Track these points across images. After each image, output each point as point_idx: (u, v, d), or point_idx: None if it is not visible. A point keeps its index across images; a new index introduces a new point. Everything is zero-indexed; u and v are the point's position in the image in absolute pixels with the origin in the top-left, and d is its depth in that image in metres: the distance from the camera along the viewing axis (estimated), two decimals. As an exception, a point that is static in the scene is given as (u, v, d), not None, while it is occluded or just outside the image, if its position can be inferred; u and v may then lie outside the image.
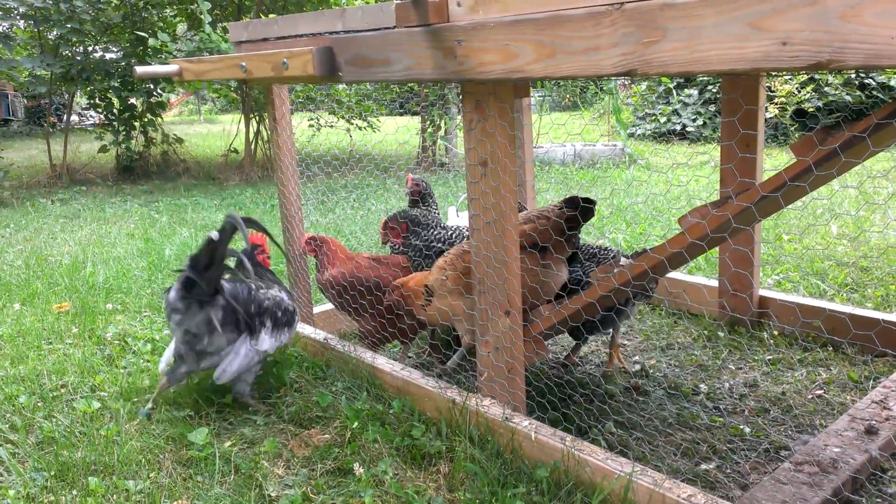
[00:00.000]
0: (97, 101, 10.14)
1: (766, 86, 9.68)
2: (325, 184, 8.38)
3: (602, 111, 13.80)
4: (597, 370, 3.23)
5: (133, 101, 10.16)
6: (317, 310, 3.67)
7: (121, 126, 10.01)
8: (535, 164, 7.72)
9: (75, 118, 17.52)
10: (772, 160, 8.69)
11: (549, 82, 12.56)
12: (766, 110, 9.75)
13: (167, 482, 2.39)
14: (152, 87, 9.87)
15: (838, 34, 1.34)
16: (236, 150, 11.11)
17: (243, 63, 2.86)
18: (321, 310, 3.68)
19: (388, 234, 3.46)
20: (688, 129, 11.46)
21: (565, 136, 11.81)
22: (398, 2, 2.22)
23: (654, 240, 5.10)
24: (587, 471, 2.16)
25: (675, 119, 11.74)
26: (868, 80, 9.73)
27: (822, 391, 2.90)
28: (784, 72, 1.78)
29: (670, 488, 1.99)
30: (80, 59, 9.57)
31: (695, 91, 11.59)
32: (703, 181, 7.13)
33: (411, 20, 2.20)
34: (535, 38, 1.87)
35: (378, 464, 2.40)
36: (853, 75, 9.55)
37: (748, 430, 2.63)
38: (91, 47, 9.96)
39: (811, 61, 1.39)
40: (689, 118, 11.51)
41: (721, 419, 2.72)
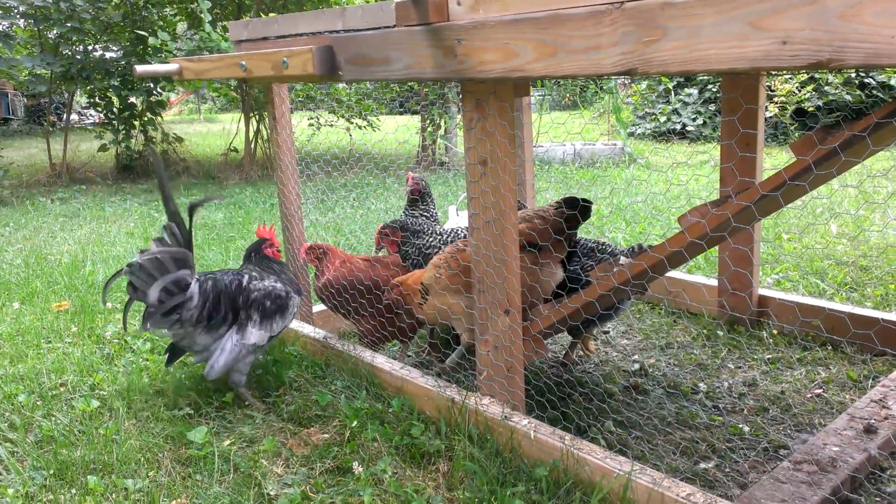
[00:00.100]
0: (97, 100, 10.14)
1: (766, 85, 9.68)
2: (324, 183, 8.38)
3: (602, 110, 13.79)
4: (596, 369, 3.23)
5: (133, 100, 10.16)
6: (316, 309, 3.67)
7: (120, 125, 10.00)
8: (534, 163, 7.72)
9: (75, 117, 17.52)
10: (772, 159, 8.69)
11: (550, 81, 12.56)
12: (765, 109, 9.75)
13: (166, 481, 2.39)
14: (152, 86, 9.87)
15: (838, 33, 1.34)
16: (236, 149, 11.11)
17: (243, 62, 2.86)
18: (321, 309, 3.68)
19: (382, 241, 3.48)
20: (688, 128, 11.46)
21: (565, 135, 11.81)
22: (398, 1, 2.22)
23: (653, 239, 5.10)
24: (586, 469, 2.16)
25: (674, 118, 11.74)
26: (868, 80, 9.73)
27: (822, 390, 2.90)
28: (784, 71, 1.78)
29: (669, 487, 1.99)
30: (80, 57, 9.57)
31: (695, 90, 11.59)
32: (703, 180, 7.13)
33: (411, 19, 2.20)
34: (536, 37, 1.87)
35: (377, 462, 2.40)
36: (853, 74, 9.55)
37: (747, 428, 2.63)
38: (91, 46, 9.96)
39: (811, 60, 1.39)
40: (689, 117, 11.51)
41: (720, 418, 2.72)
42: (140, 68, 3.17)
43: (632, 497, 2.04)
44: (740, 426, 2.64)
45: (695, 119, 11.45)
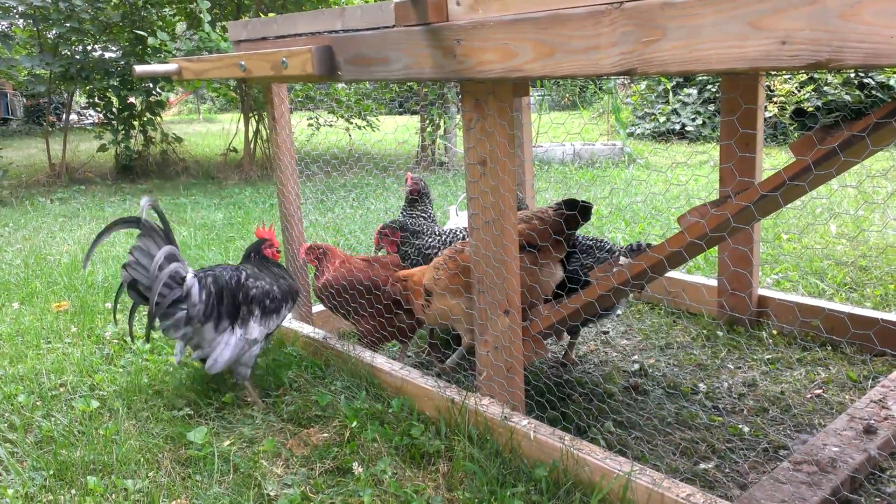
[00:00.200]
0: (96, 101, 10.13)
1: (766, 85, 9.69)
2: (324, 183, 8.38)
3: (601, 110, 13.80)
4: (595, 369, 3.23)
5: (132, 100, 10.15)
6: (316, 309, 3.67)
7: (120, 125, 10.00)
8: (534, 163, 7.71)
9: (74, 117, 17.52)
10: (771, 159, 8.69)
11: (549, 81, 12.56)
12: (765, 109, 9.76)
13: (166, 481, 2.39)
14: (151, 86, 9.86)
15: (838, 33, 1.34)
16: (235, 150, 11.10)
17: (242, 62, 2.85)
18: (320, 309, 3.67)
19: (381, 241, 3.48)
20: (687, 128, 11.46)
21: (564, 136, 11.81)
22: (397, 1, 2.22)
23: (653, 239, 5.09)
24: (586, 470, 2.16)
25: (674, 118, 11.74)
26: (867, 80, 9.73)
27: (821, 390, 2.90)
28: (783, 71, 1.78)
29: (669, 487, 1.99)
30: (79, 58, 9.56)
31: (694, 90, 11.60)
32: (703, 180, 7.13)
33: (410, 19, 2.20)
34: (535, 37, 1.87)
35: (377, 463, 2.40)
36: (852, 75, 9.55)
37: (747, 429, 2.63)
38: (90, 46, 9.96)
39: (811, 60, 1.39)
40: (689, 117, 11.51)
41: (720, 418, 2.72)
42: (139, 68, 3.17)
43: (632, 497, 2.04)
44: (740, 426, 2.64)
45: (694, 119, 11.46)
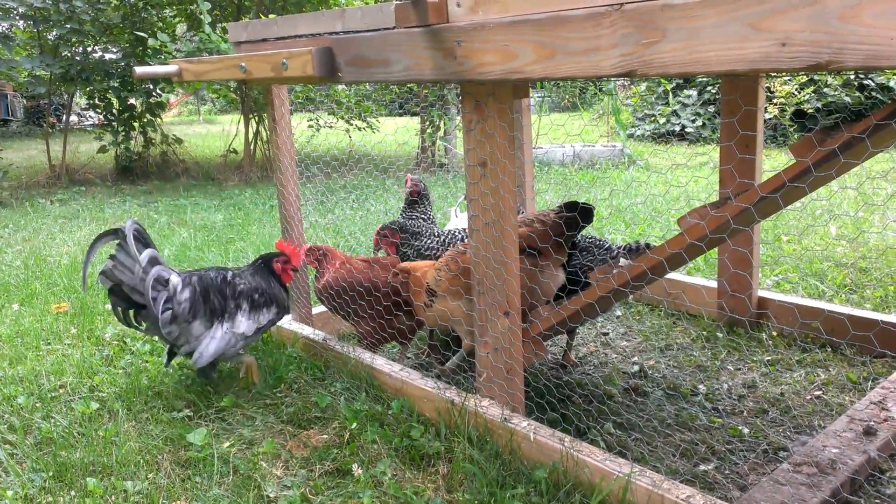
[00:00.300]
0: (96, 102, 10.13)
1: (766, 87, 9.69)
2: (324, 184, 8.38)
3: (601, 112, 13.81)
4: (595, 371, 3.23)
5: (132, 101, 10.16)
6: (315, 311, 3.67)
7: (120, 126, 10.00)
8: (534, 164, 7.71)
9: (74, 118, 17.53)
10: (771, 161, 8.70)
11: (549, 83, 12.57)
12: (765, 111, 9.76)
13: (165, 483, 2.39)
14: (152, 87, 9.86)
15: (837, 35, 1.34)
16: (235, 151, 11.10)
17: (243, 63, 2.85)
18: (320, 311, 3.67)
19: (380, 242, 3.50)
20: (687, 129, 11.47)
21: (564, 137, 11.81)
22: (397, 2, 2.22)
23: (653, 240, 5.09)
24: (586, 472, 2.16)
25: (674, 120, 11.75)
26: (867, 81, 9.73)
27: (821, 392, 2.90)
28: (783, 72, 1.78)
29: (669, 489, 1.99)
30: (79, 59, 9.57)
31: (694, 92, 11.60)
32: (703, 182, 7.13)
33: (411, 21, 2.20)
34: (535, 39, 1.87)
35: (377, 464, 2.39)
36: (852, 76, 9.55)
37: (747, 430, 2.63)
38: (90, 47, 9.95)
39: (810, 62, 1.39)
40: (689, 119, 11.52)
41: (720, 420, 2.72)
42: (139, 70, 3.17)
43: (631, 499, 2.03)
44: (740, 428, 2.64)
45: (694, 121, 11.46)
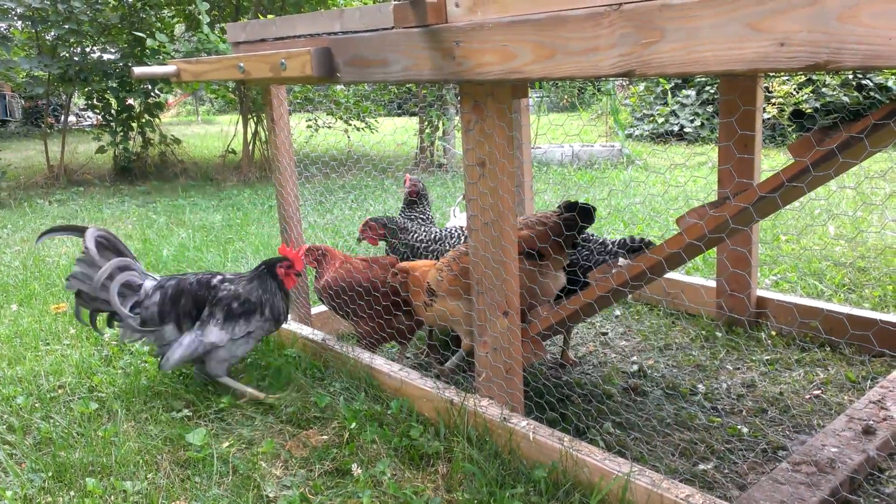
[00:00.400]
0: (95, 102, 10.13)
1: (764, 86, 9.69)
2: (323, 184, 8.37)
3: (600, 112, 13.81)
4: (594, 371, 3.23)
5: (131, 101, 10.15)
6: (315, 311, 3.67)
7: (118, 127, 9.99)
8: (533, 164, 7.72)
9: (73, 119, 17.52)
10: (769, 161, 8.70)
11: (548, 83, 12.57)
12: (763, 111, 9.76)
13: (165, 483, 2.39)
14: (150, 87, 9.86)
15: (836, 35, 1.34)
16: (234, 151, 11.10)
17: (241, 64, 2.85)
18: (319, 311, 3.67)
19: (364, 233, 3.53)
20: (685, 129, 11.47)
21: (563, 137, 11.81)
22: (396, 3, 2.22)
23: (652, 240, 5.09)
24: (585, 471, 2.16)
25: (672, 120, 11.76)
26: (865, 81, 9.75)
27: (820, 391, 2.90)
28: (782, 72, 1.78)
29: (668, 488, 1.99)
30: (77, 59, 9.56)
31: (692, 92, 11.61)
32: (701, 182, 7.14)
33: (409, 21, 2.20)
34: (534, 39, 1.87)
35: (376, 464, 2.40)
36: (850, 76, 9.56)
37: (746, 430, 2.63)
38: (89, 48, 9.95)
39: (809, 62, 1.39)
40: (687, 119, 11.53)
41: (719, 419, 2.72)
42: (138, 70, 3.17)
43: (631, 498, 2.04)
44: (739, 427, 2.65)
45: (693, 120, 11.47)
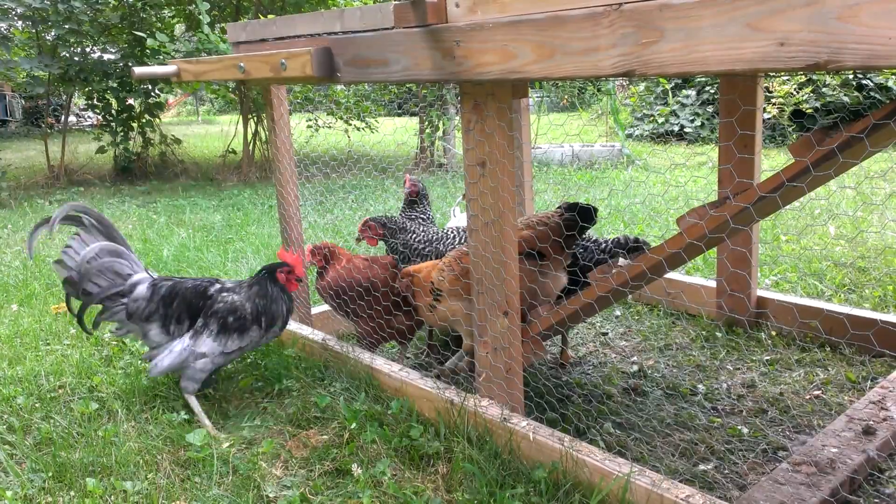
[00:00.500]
0: (95, 102, 10.13)
1: (764, 86, 9.69)
2: (323, 184, 8.37)
3: (600, 112, 13.81)
4: (595, 371, 3.23)
5: (131, 101, 10.15)
6: (315, 311, 3.67)
7: (119, 127, 10.00)
8: (533, 164, 7.72)
9: (73, 119, 17.51)
10: (770, 161, 8.70)
11: (548, 83, 12.57)
12: (763, 111, 9.75)
13: (165, 483, 2.39)
14: (150, 87, 9.86)
15: (836, 35, 1.34)
16: (234, 151, 11.10)
17: (241, 64, 2.85)
18: (319, 311, 3.67)
19: (363, 233, 3.54)
20: (686, 129, 11.48)
21: (563, 137, 11.81)
22: (396, 3, 2.22)
23: (652, 240, 5.10)
24: (585, 471, 2.16)
25: (673, 120, 11.76)
26: (865, 81, 9.75)
27: (820, 392, 2.90)
28: (782, 72, 1.78)
29: (668, 489, 1.99)
30: (78, 59, 9.56)
31: (693, 92, 11.61)
32: (701, 182, 7.14)
33: (410, 21, 2.20)
34: (534, 39, 1.87)
35: (376, 464, 2.40)
36: (850, 76, 9.56)
37: (746, 430, 2.63)
38: (89, 48, 9.95)
39: (809, 62, 1.39)
40: (687, 119, 11.53)
41: (719, 419, 2.72)
42: (138, 70, 3.17)
43: (631, 499, 2.04)
44: (739, 427, 2.65)
45: (693, 120, 11.47)
